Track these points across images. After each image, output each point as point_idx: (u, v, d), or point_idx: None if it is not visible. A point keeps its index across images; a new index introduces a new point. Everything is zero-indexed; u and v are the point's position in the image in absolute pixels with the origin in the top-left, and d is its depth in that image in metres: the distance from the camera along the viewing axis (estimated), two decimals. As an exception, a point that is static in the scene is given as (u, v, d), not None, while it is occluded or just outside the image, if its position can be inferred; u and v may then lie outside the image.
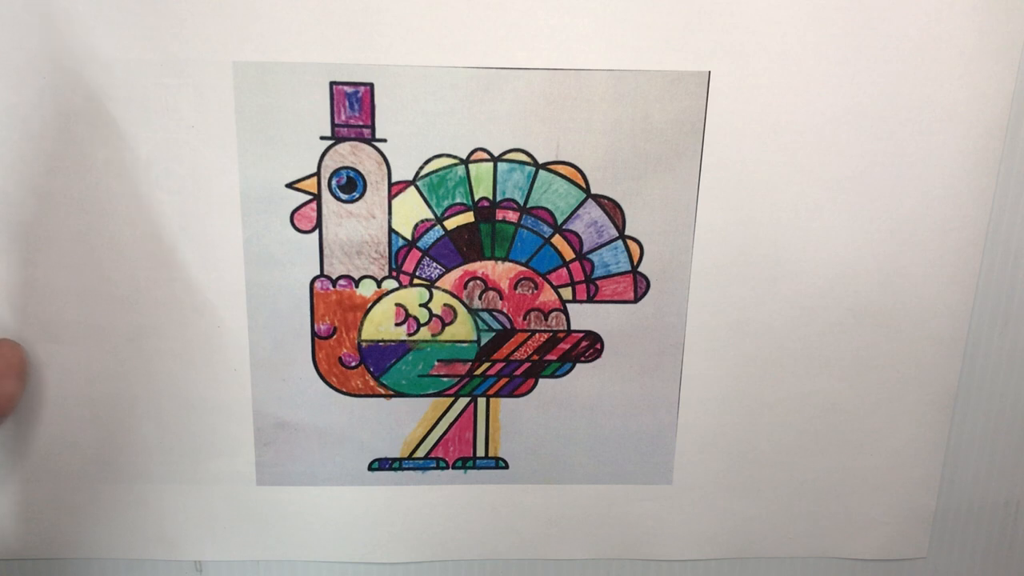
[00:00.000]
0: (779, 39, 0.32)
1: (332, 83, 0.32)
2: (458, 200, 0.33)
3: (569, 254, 0.34)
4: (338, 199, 0.33)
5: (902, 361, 0.37)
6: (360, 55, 0.31)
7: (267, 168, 0.33)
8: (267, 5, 0.31)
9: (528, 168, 0.33)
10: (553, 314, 0.35)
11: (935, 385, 0.37)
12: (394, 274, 0.34)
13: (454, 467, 0.37)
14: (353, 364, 0.35)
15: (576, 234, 0.34)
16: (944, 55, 0.33)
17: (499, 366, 0.36)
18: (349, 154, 0.33)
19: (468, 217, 0.34)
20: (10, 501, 0.36)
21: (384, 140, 0.33)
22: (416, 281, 0.34)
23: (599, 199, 0.34)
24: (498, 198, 0.33)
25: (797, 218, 0.34)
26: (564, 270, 0.35)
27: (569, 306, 0.35)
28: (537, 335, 0.35)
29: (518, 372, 0.36)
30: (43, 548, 0.36)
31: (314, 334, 0.35)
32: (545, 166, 0.33)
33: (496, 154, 0.33)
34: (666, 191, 0.34)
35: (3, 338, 0.33)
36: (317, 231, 0.33)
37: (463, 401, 0.36)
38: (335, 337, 0.35)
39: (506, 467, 0.37)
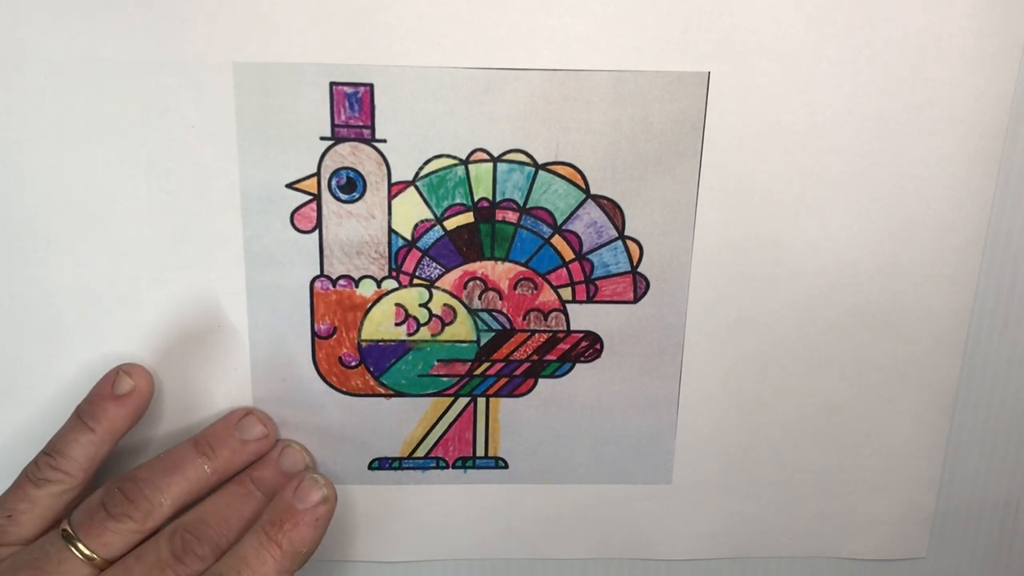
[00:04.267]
0: (779, 39, 0.32)
1: (332, 83, 0.32)
2: (458, 200, 0.33)
3: (569, 254, 0.34)
4: (338, 199, 0.33)
5: (902, 361, 0.37)
6: (360, 55, 0.32)
7: (267, 168, 0.33)
8: (267, 5, 0.31)
9: (528, 168, 0.33)
10: (553, 314, 0.35)
11: (935, 385, 0.37)
12: (394, 274, 0.34)
13: (454, 467, 0.37)
14: (353, 364, 0.35)
15: (576, 234, 0.34)
16: (944, 55, 0.33)
17: (499, 366, 0.36)
18: (349, 154, 0.33)
19: (468, 217, 0.34)
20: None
21: (384, 140, 0.33)
22: (416, 281, 0.34)
23: (599, 199, 0.34)
24: (498, 198, 0.33)
25: (797, 218, 0.34)
26: (564, 270, 0.35)
27: (569, 306, 0.35)
28: (537, 335, 0.35)
29: (518, 372, 0.36)
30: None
31: (314, 334, 0.35)
32: (545, 166, 0.33)
33: (496, 154, 0.33)
34: (666, 191, 0.34)
35: None
36: (317, 231, 0.33)
37: (463, 401, 0.36)
38: (335, 337, 0.35)
39: (506, 467, 0.37)
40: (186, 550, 0.30)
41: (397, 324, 0.35)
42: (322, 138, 0.32)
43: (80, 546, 0.30)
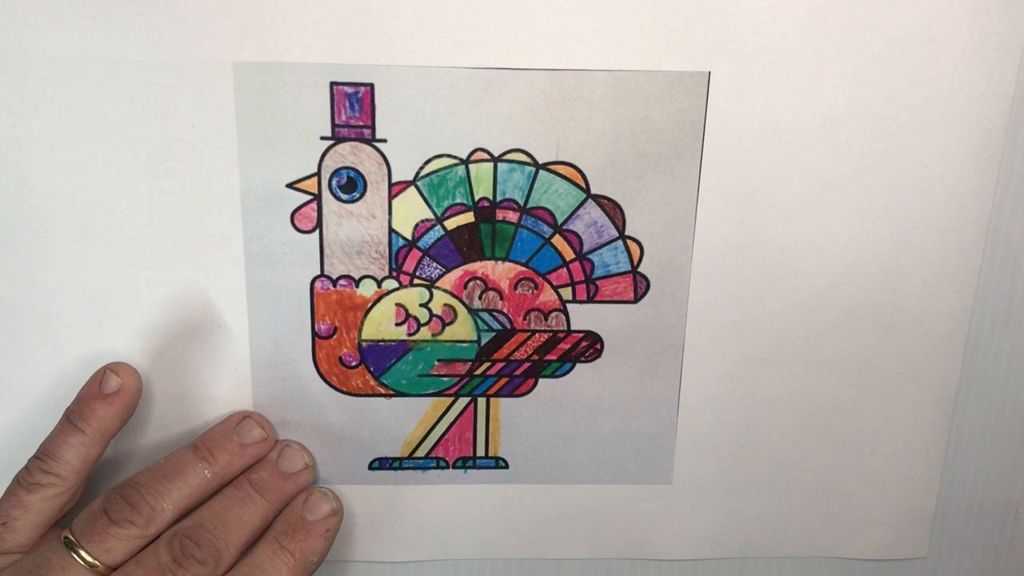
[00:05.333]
0: (779, 39, 0.32)
1: (332, 83, 0.32)
2: (458, 200, 0.33)
3: (569, 254, 0.34)
4: (338, 199, 0.33)
5: (902, 361, 0.37)
6: (360, 55, 0.32)
7: (267, 168, 0.33)
8: (267, 5, 0.31)
9: (528, 168, 0.33)
10: (553, 314, 0.35)
11: (935, 385, 0.37)
12: (394, 274, 0.34)
13: (454, 467, 0.37)
14: (353, 364, 0.35)
15: (576, 234, 0.34)
16: (944, 55, 0.33)
17: (499, 366, 0.36)
18: (349, 154, 0.33)
19: (468, 217, 0.34)
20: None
21: (384, 140, 0.33)
22: (416, 281, 0.34)
23: (599, 199, 0.34)
24: (498, 198, 0.33)
25: (797, 218, 0.34)
26: (564, 270, 0.35)
27: (569, 306, 0.35)
28: (537, 335, 0.35)
29: (518, 372, 0.36)
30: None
31: (314, 334, 0.35)
32: (545, 166, 0.33)
33: (496, 154, 0.33)
34: (666, 191, 0.34)
35: None
36: (317, 231, 0.33)
37: (463, 401, 0.36)
38: (335, 337, 0.35)
39: (506, 467, 0.37)
40: (186, 555, 0.30)
41: (397, 324, 0.35)
42: (322, 138, 0.32)
43: (83, 553, 0.30)
